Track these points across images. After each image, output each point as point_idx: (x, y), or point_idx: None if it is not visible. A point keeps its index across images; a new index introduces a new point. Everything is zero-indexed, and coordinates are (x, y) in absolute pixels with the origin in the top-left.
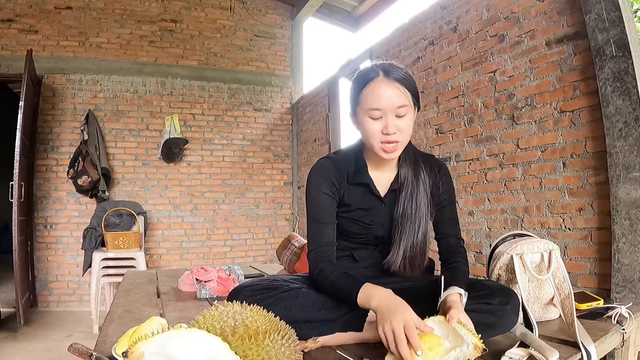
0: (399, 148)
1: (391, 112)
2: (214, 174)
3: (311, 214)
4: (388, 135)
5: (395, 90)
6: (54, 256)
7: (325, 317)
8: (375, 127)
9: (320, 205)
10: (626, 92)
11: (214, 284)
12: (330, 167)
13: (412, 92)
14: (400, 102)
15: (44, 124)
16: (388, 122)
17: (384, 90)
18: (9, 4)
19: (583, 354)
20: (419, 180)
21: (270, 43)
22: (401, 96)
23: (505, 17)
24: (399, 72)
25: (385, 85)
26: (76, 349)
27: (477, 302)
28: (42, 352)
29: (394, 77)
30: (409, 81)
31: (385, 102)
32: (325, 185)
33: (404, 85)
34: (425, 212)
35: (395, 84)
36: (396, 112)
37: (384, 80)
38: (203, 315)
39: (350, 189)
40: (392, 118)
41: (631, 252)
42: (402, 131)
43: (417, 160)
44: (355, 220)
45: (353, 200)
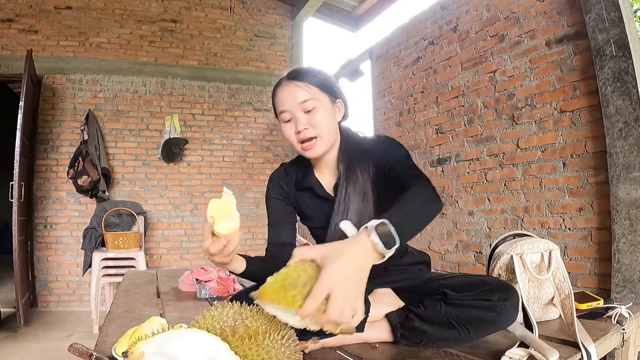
0: (319, 143)
1: (298, 110)
2: (214, 174)
3: (268, 219)
4: (300, 134)
5: (295, 88)
6: (54, 256)
7: None
8: (289, 129)
9: (270, 209)
10: (626, 92)
11: (214, 284)
12: (281, 173)
13: (321, 86)
14: (302, 97)
15: (44, 124)
16: (297, 120)
17: (285, 91)
18: (9, 4)
19: (583, 354)
20: (353, 170)
21: (270, 43)
22: (302, 92)
23: (505, 17)
24: (300, 72)
25: (286, 87)
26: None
27: (477, 298)
28: (42, 352)
29: (293, 78)
30: (313, 76)
31: (289, 101)
32: (274, 191)
33: (304, 81)
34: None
35: (295, 83)
36: (302, 107)
37: (285, 84)
38: (203, 315)
39: (300, 195)
40: (300, 115)
41: (631, 252)
42: (315, 126)
43: (354, 152)
44: (317, 228)
45: (307, 207)
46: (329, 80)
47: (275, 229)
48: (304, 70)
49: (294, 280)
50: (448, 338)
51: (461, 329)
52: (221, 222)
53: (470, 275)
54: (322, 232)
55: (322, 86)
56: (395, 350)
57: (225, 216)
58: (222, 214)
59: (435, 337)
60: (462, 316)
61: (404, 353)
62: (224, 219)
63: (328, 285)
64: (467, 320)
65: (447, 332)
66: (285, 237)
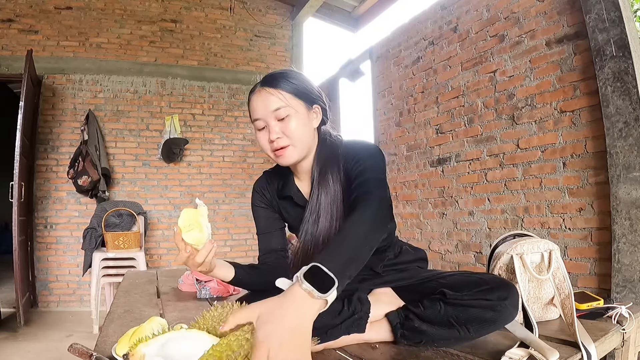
0: (291, 152)
1: (270, 118)
2: (214, 174)
3: (256, 228)
4: (273, 143)
5: (267, 96)
6: (54, 256)
7: (327, 323)
8: (263, 137)
9: (256, 218)
10: (626, 92)
11: (214, 284)
12: (262, 181)
13: (293, 91)
14: (275, 105)
15: (44, 124)
16: (270, 128)
17: (258, 98)
18: (9, 4)
19: (583, 354)
20: (325, 177)
21: (270, 43)
22: (275, 100)
23: (505, 17)
24: (273, 78)
25: (259, 93)
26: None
27: (476, 297)
28: (42, 352)
29: (266, 85)
30: (287, 83)
31: (261, 110)
32: (258, 200)
33: (277, 88)
34: (331, 211)
35: (267, 90)
36: (275, 115)
37: (259, 91)
38: (203, 316)
39: (282, 203)
40: (273, 123)
41: (631, 252)
42: (289, 134)
43: (328, 155)
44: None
45: (289, 216)
46: (304, 85)
47: (264, 238)
48: (277, 75)
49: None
50: (448, 337)
51: (461, 328)
52: (189, 232)
53: (469, 274)
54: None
55: (297, 92)
56: (395, 350)
57: (195, 227)
58: (193, 224)
59: (435, 337)
60: (462, 315)
61: (404, 353)
62: (192, 230)
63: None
64: (467, 319)
65: (447, 332)
66: (275, 244)
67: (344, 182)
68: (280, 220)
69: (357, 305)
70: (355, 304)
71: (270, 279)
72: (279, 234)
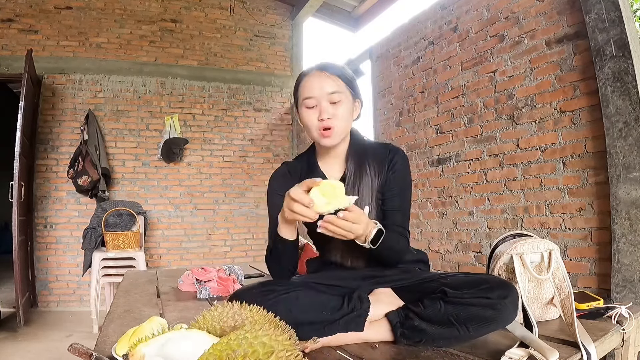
0: (337, 134)
1: (324, 99)
2: (214, 174)
3: (270, 219)
4: (323, 121)
5: (326, 79)
6: (54, 256)
7: (325, 318)
8: (312, 116)
9: (274, 206)
10: (626, 92)
11: (214, 284)
12: (283, 172)
13: (348, 83)
14: (332, 89)
15: (44, 124)
16: (322, 108)
17: (315, 79)
18: (9, 4)
19: (583, 354)
20: (363, 168)
21: (270, 43)
22: (332, 84)
23: (505, 17)
24: (331, 65)
25: (317, 75)
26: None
27: (476, 296)
28: (42, 352)
29: (324, 69)
30: (344, 73)
31: (317, 90)
32: (277, 187)
33: (336, 74)
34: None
35: (326, 74)
36: (329, 98)
37: (316, 73)
38: (203, 316)
39: None
40: (325, 104)
41: (631, 252)
42: (337, 118)
43: (363, 151)
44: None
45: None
46: (354, 79)
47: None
48: (335, 64)
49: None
50: (448, 337)
51: (461, 327)
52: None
53: (469, 274)
54: None
55: (349, 83)
56: (395, 350)
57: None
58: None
59: (435, 336)
60: (462, 314)
61: (404, 353)
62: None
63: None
64: (467, 318)
65: (446, 331)
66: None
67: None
68: None
69: (357, 303)
70: (355, 301)
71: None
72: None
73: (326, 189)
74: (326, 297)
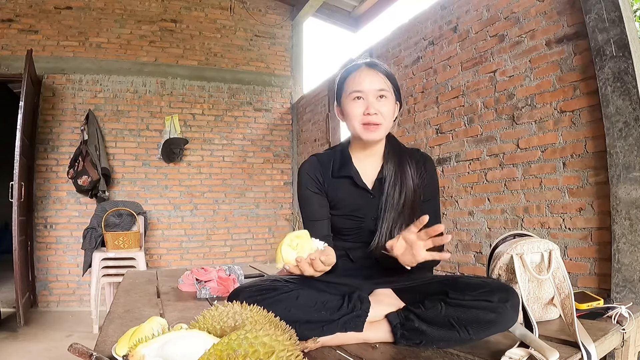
0: (381, 130)
1: (372, 95)
2: (214, 174)
3: (303, 213)
4: (369, 116)
5: (375, 76)
6: (54, 256)
7: (325, 318)
8: (357, 108)
9: (309, 203)
10: (626, 92)
11: (214, 284)
12: (314, 164)
13: (394, 84)
14: (380, 86)
15: (44, 124)
16: (369, 103)
17: (365, 75)
18: (9, 4)
19: (583, 354)
20: (405, 170)
21: (270, 43)
22: (381, 82)
23: (505, 17)
24: (380, 65)
25: (367, 71)
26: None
27: (477, 299)
28: (42, 352)
29: (375, 67)
30: (391, 75)
31: (367, 84)
32: (311, 184)
33: (384, 74)
34: (412, 200)
35: (376, 72)
36: (377, 94)
37: (365, 69)
38: (203, 316)
39: (335, 183)
40: (373, 100)
41: (631, 252)
42: (383, 114)
43: (402, 151)
44: (347, 216)
45: (340, 194)
46: (397, 82)
47: (316, 224)
48: (382, 65)
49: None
50: (448, 339)
51: (461, 329)
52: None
53: (470, 277)
54: (349, 220)
55: (394, 84)
56: (395, 350)
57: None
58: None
59: (435, 338)
60: (462, 317)
61: (404, 353)
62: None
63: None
64: (467, 321)
65: (447, 333)
66: (326, 230)
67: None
68: (329, 207)
69: (357, 303)
70: (355, 301)
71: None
72: (327, 222)
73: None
74: (326, 297)
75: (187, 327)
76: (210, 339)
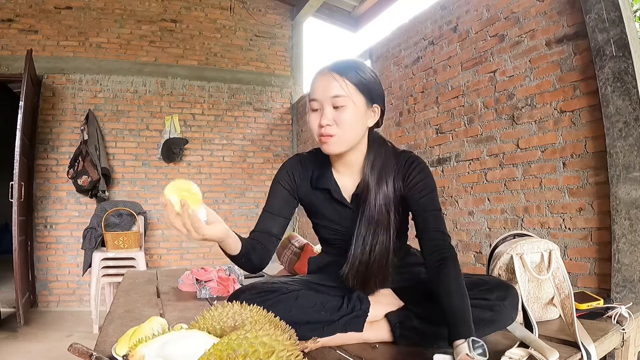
0: (336, 143)
1: (327, 103)
2: (214, 174)
3: (266, 203)
4: (322, 128)
5: (331, 80)
6: (54, 256)
7: (325, 319)
8: (314, 119)
9: (273, 195)
10: (626, 92)
11: (214, 284)
12: (295, 165)
13: (359, 84)
14: (335, 92)
15: (44, 124)
16: (323, 113)
17: (321, 80)
18: (9, 4)
19: (583, 354)
20: (381, 186)
21: (270, 43)
22: (337, 87)
23: (505, 17)
24: (342, 65)
25: (324, 76)
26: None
27: (475, 297)
28: (42, 352)
29: (334, 69)
30: (355, 74)
31: (320, 92)
32: (284, 179)
33: (344, 76)
34: (387, 223)
35: (334, 75)
36: (332, 102)
37: (324, 73)
38: (203, 316)
39: (314, 194)
40: (328, 109)
41: (631, 252)
42: (339, 124)
43: (385, 162)
44: (326, 227)
45: (318, 206)
46: (371, 81)
47: (269, 217)
48: (348, 64)
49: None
50: (446, 338)
51: None
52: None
53: (468, 275)
54: (329, 230)
55: (362, 86)
56: (395, 350)
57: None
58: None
59: (434, 338)
60: None
61: (404, 353)
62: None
63: None
64: None
65: (446, 332)
66: (275, 228)
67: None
68: (293, 210)
69: (357, 303)
70: (355, 302)
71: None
72: (282, 222)
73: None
74: (326, 298)
75: (187, 327)
76: (210, 339)
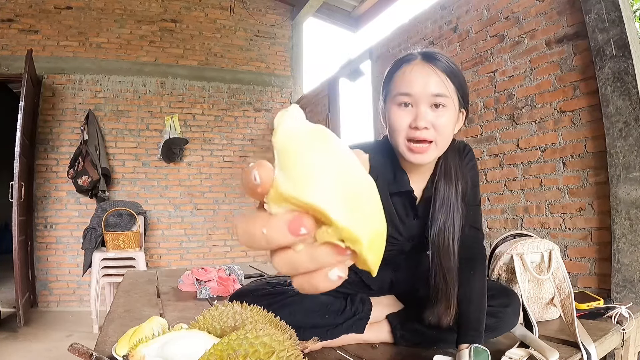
0: (431, 151)
1: (424, 101)
2: (214, 174)
3: None
4: (417, 130)
5: (432, 75)
6: (54, 256)
7: (329, 322)
8: (403, 118)
9: None
10: (626, 92)
11: (214, 284)
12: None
13: (457, 86)
14: (437, 89)
15: (44, 124)
16: (419, 113)
17: (418, 72)
18: (9, 4)
19: (583, 354)
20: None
21: (270, 43)
22: (439, 83)
23: (505, 17)
24: (441, 58)
25: (421, 68)
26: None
27: None
28: (42, 352)
29: (433, 62)
30: (455, 73)
31: (418, 86)
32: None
33: (445, 73)
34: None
35: (434, 69)
36: (432, 101)
37: (420, 63)
38: (203, 316)
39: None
40: (425, 109)
41: (631, 252)
42: (437, 129)
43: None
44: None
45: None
46: (464, 82)
47: None
48: (447, 59)
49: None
50: (447, 340)
51: None
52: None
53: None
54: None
55: (459, 88)
56: (395, 351)
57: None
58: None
59: (434, 339)
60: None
61: (404, 353)
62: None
63: None
64: None
65: (446, 335)
66: None
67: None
68: None
69: (359, 305)
70: (357, 304)
71: None
72: None
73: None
74: (329, 300)
75: (187, 327)
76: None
